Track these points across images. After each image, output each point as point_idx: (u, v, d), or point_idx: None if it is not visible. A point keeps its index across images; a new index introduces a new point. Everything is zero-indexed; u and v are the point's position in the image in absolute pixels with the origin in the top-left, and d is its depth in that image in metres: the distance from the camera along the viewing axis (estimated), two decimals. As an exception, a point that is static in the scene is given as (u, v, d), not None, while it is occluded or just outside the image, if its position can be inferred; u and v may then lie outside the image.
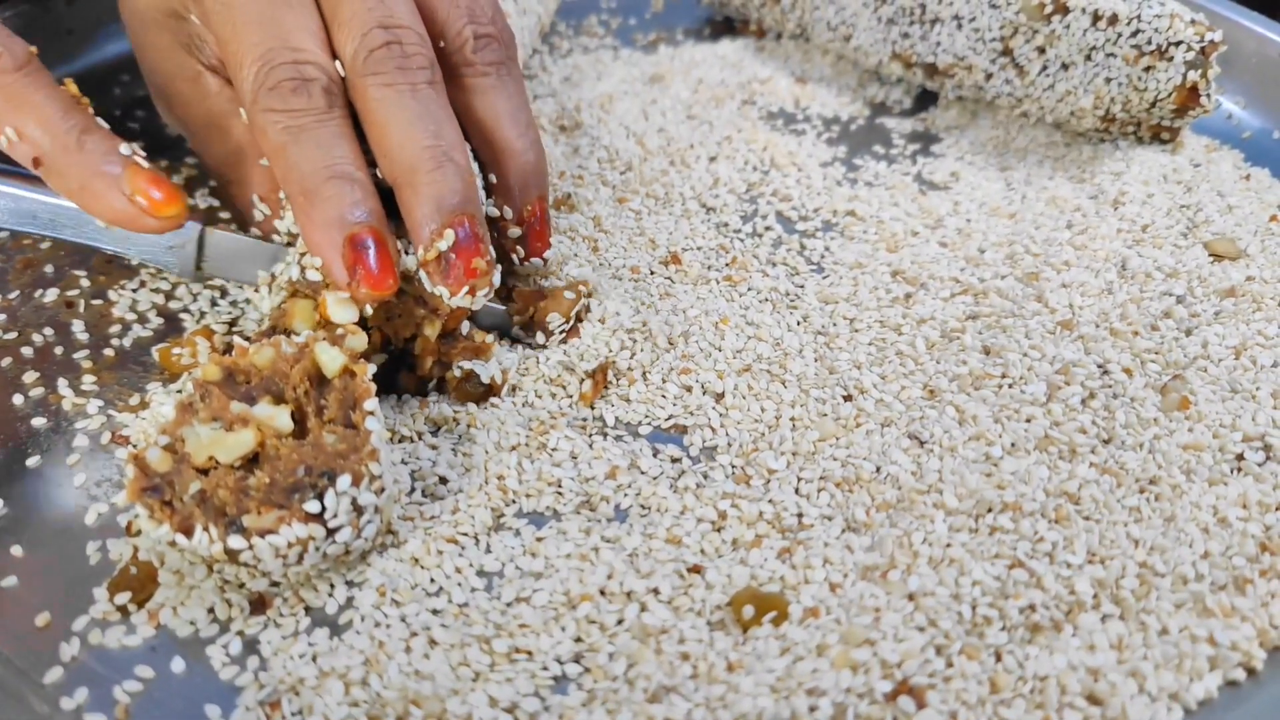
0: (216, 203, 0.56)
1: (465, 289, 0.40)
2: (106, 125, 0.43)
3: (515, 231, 0.46)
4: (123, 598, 0.36)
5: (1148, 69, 0.54)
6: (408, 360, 0.44)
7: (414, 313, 0.42)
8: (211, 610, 0.36)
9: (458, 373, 0.43)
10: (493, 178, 0.45)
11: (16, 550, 0.38)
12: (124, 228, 0.41)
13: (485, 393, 0.44)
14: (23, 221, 0.43)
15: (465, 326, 0.44)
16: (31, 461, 0.42)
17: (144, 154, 0.42)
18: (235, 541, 0.33)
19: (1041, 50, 0.57)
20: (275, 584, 0.37)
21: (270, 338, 0.39)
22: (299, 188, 0.40)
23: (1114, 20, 0.54)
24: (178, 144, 0.61)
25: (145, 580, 0.37)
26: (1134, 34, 0.54)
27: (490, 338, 0.45)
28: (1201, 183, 0.56)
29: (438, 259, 0.40)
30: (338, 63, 0.41)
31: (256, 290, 0.43)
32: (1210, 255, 0.51)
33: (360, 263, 0.39)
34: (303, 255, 0.41)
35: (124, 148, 0.41)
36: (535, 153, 0.46)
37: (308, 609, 0.36)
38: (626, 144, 0.60)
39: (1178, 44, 0.53)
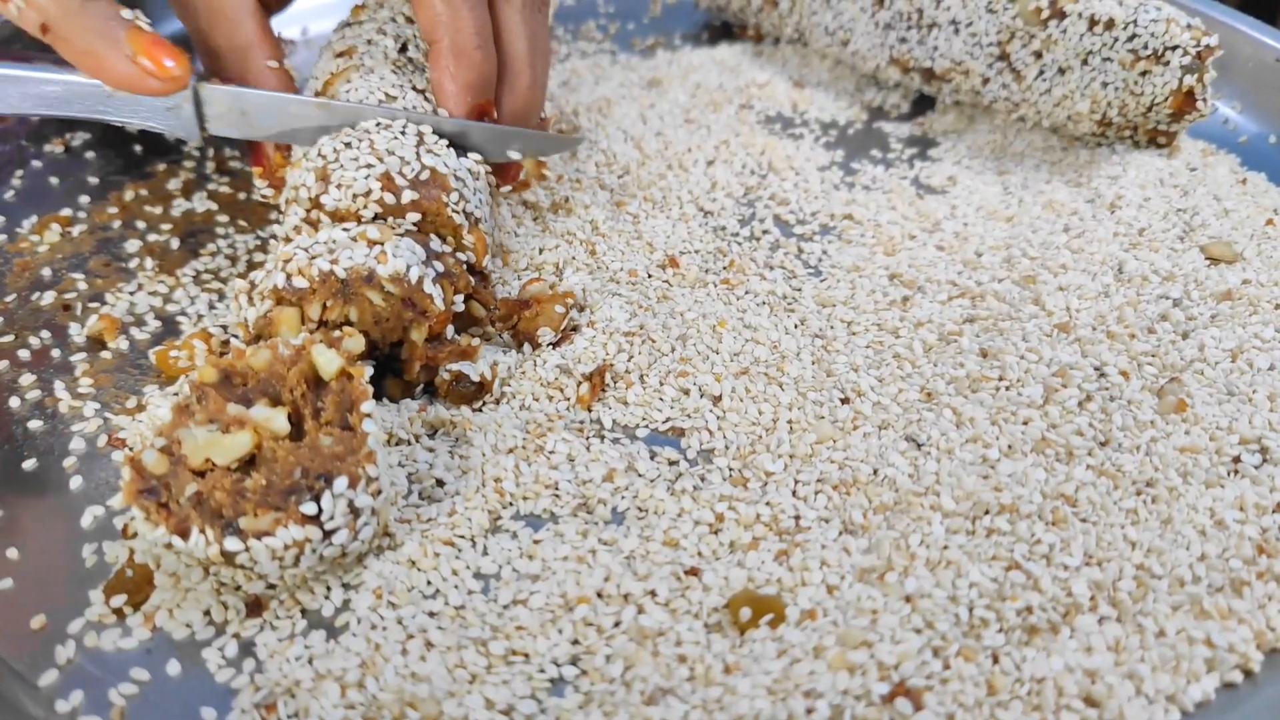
0: (215, 206, 0.56)
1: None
2: None
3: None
4: (118, 600, 0.36)
5: (1144, 73, 0.55)
6: (393, 367, 0.44)
7: (402, 317, 0.42)
8: (207, 613, 0.36)
9: (446, 375, 0.43)
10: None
11: (12, 553, 0.38)
12: (128, 90, 0.43)
13: (477, 391, 0.44)
14: (35, 104, 0.45)
15: (450, 330, 0.44)
16: (28, 464, 0.41)
17: (146, 20, 0.43)
18: (232, 544, 0.33)
19: (1038, 55, 0.58)
20: (271, 586, 0.36)
21: (223, 359, 0.38)
22: (451, 42, 0.44)
23: (1110, 25, 0.55)
24: (175, 148, 0.62)
25: (141, 583, 0.36)
26: (1130, 39, 0.54)
27: (476, 340, 0.45)
28: (1198, 187, 0.56)
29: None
30: None
31: (236, 298, 0.42)
32: (1207, 259, 0.51)
33: None
34: (286, 262, 0.41)
35: (126, 13, 0.43)
36: (534, 82, 0.49)
37: (304, 611, 0.36)
38: (624, 148, 0.60)
39: (1174, 49, 0.54)
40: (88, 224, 0.54)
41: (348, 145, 0.44)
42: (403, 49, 0.50)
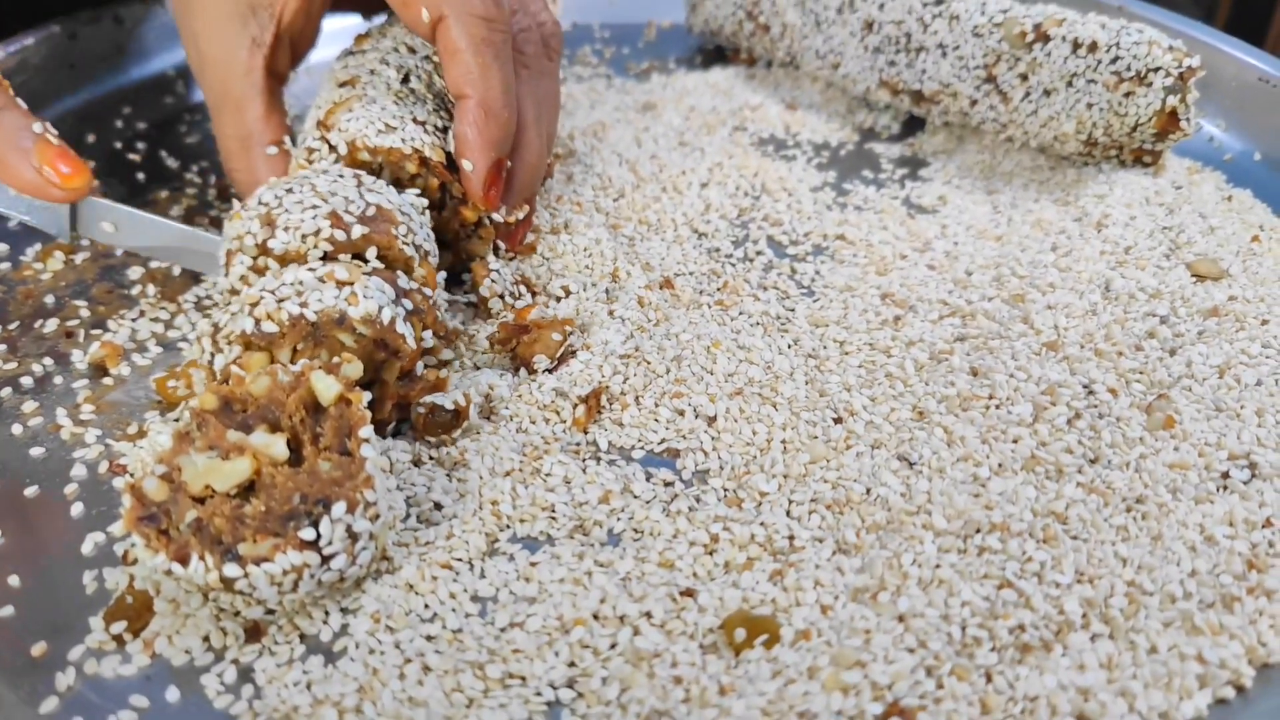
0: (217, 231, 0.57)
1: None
2: (24, 105, 0.47)
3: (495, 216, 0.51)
4: (118, 627, 0.36)
5: (1128, 94, 0.55)
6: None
7: (374, 358, 0.42)
8: (207, 639, 0.36)
9: (421, 410, 0.43)
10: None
11: (14, 580, 0.38)
12: (35, 196, 0.46)
13: (454, 420, 0.43)
14: None
15: (419, 366, 0.44)
16: (30, 491, 0.42)
17: (55, 132, 0.46)
18: (231, 570, 0.34)
19: (1024, 77, 0.59)
20: (270, 612, 0.37)
21: (224, 385, 0.38)
22: (482, 99, 0.46)
23: (1094, 47, 0.56)
24: (177, 175, 0.62)
25: (141, 609, 0.37)
26: (1113, 60, 0.55)
27: (445, 371, 0.45)
28: (1184, 204, 0.57)
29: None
30: None
31: (200, 341, 0.42)
32: (1193, 276, 0.52)
33: (495, 184, 0.48)
34: (254, 306, 0.40)
35: (36, 126, 0.46)
36: (542, 149, 0.51)
37: (302, 636, 0.36)
38: (620, 171, 0.61)
39: (1156, 70, 0.55)
40: (91, 251, 0.55)
41: (289, 191, 0.44)
42: (405, 79, 0.51)
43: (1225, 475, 0.41)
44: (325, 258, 0.43)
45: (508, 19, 0.47)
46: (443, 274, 0.50)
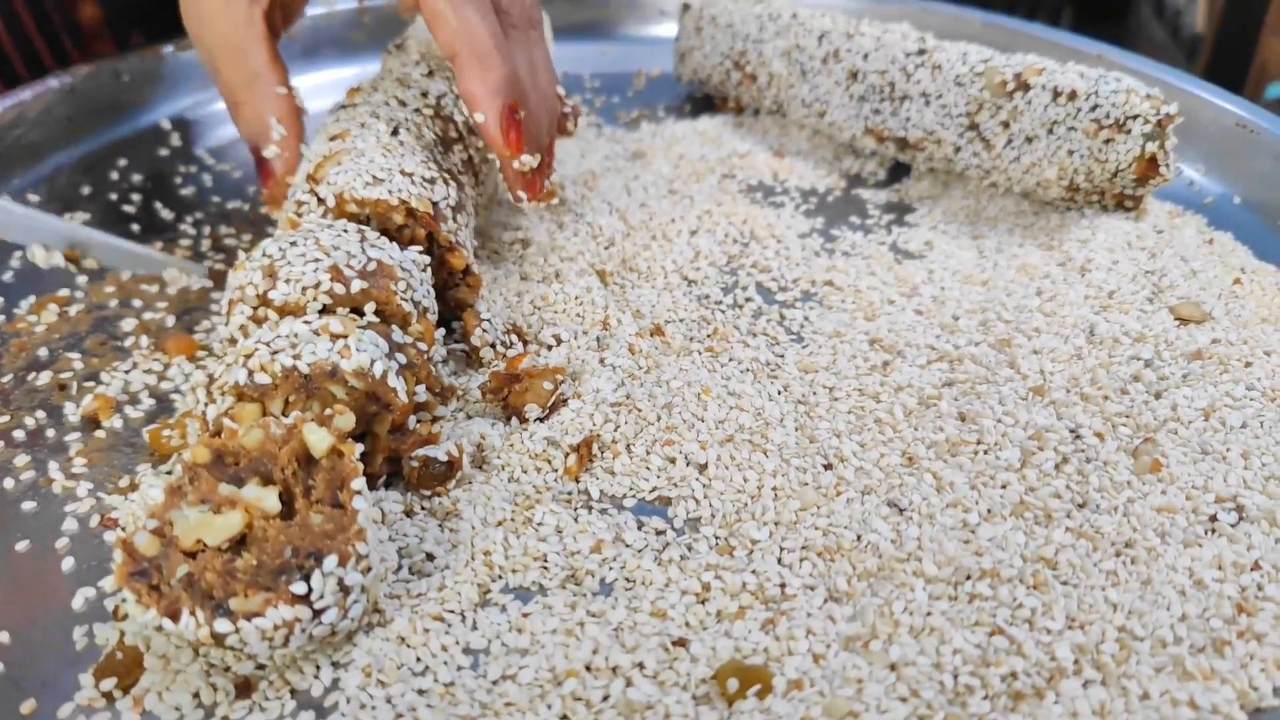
0: (211, 284, 0.57)
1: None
2: None
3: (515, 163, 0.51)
4: (108, 683, 0.36)
5: (1108, 141, 0.57)
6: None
7: (365, 411, 0.42)
8: (197, 695, 0.36)
9: (414, 464, 0.43)
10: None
11: (3, 636, 0.38)
12: None
13: (447, 472, 0.44)
14: None
15: (412, 421, 0.44)
16: (21, 546, 0.42)
17: None
18: (222, 625, 0.34)
19: (1006, 125, 0.60)
20: (261, 667, 0.37)
21: (216, 438, 0.38)
22: (471, 49, 0.47)
23: (1073, 96, 0.57)
24: (172, 226, 0.63)
25: (131, 665, 0.37)
26: (1093, 109, 0.56)
27: (437, 426, 0.45)
28: (1165, 248, 0.58)
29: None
30: None
31: (194, 391, 0.43)
32: (1176, 319, 0.52)
33: (513, 128, 0.49)
34: (248, 357, 0.41)
35: None
36: (540, 102, 0.52)
37: (293, 691, 0.36)
38: (610, 220, 0.62)
39: (1135, 117, 0.56)
40: (85, 303, 0.55)
41: (293, 244, 0.45)
42: (394, 132, 0.52)
43: (1213, 518, 0.42)
44: (324, 311, 0.44)
45: None
46: (441, 330, 0.50)
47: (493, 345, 0.51)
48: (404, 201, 0.48)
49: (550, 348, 0.52)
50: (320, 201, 0.48)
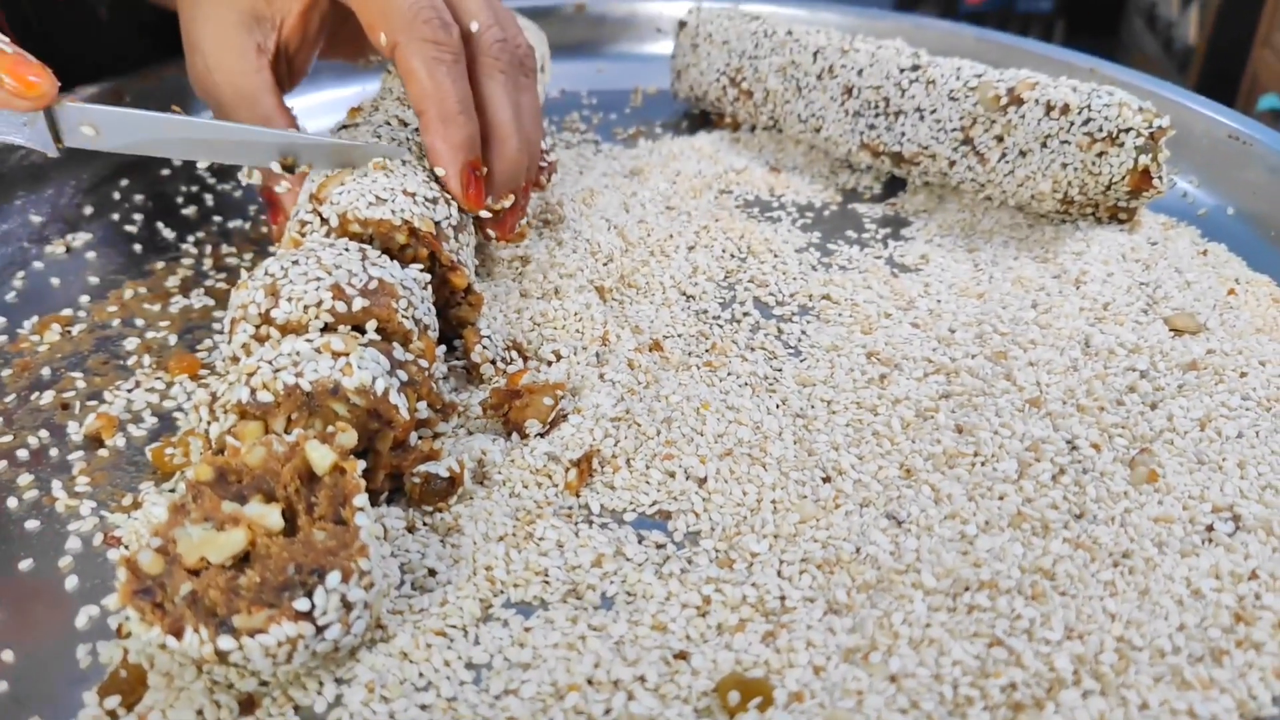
0: (213, 302, 0.58)
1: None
2: None
3: (484, 213, 0.53)
4: (112, 701, 0.36)
5: (1101, 154, 0.57)
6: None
7: (367, 428, 0.42)
8: (200, 712, 0.36)
9: (416, 480, 0.44)
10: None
11: (7, 655, 0.38)
12: (2, 107, 0.46)
13: (449, 486, 0.44)
14: None
15: (413, 438, 0.44)
16: (24, 565, 0.42)
17: (8, 39, 0.46)
18: (225, 642, 0.34)
19: (1000, 139, 0.60)
20: (264, 683, 0.37)
21: (219, 456, 0.39)
22: (438, 111, 0.50)
23: (1066, 110, 0.57)
24: (174, 245, 0.63)
25: (135, 683, 0.37)
26: (1085, 122, 0.57)
27: (439, 442, 0.45)
28: (1160, 260, 0.58)
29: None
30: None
31: (197, 410, 0.43)
32: (1171, 330, 0.53)
33: (473, 183, 0.52)
34: (250, 375, 0.41)
35: None
36: (522, 144, 0.54)
37: (296, 708, 0.36)
38: (608, 236, 0.62)
39: (1127, 130, 0.56)
40: (87, 323, 0.56)
41: (295, 262, 0.45)
42: None
43: (1210, 528, 0.42)
44: (325, 329, 0.44)
45: (456, 43, 0.51)
46: (442, 348, 0.50)
47: (493, 362, 0.51)
48: (407, 221, 0.49)
49: (550, 364, 0.52)
50: (324, 221, 0.49)
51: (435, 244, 0.49)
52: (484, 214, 0.54)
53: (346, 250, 0.46)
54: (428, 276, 0.49)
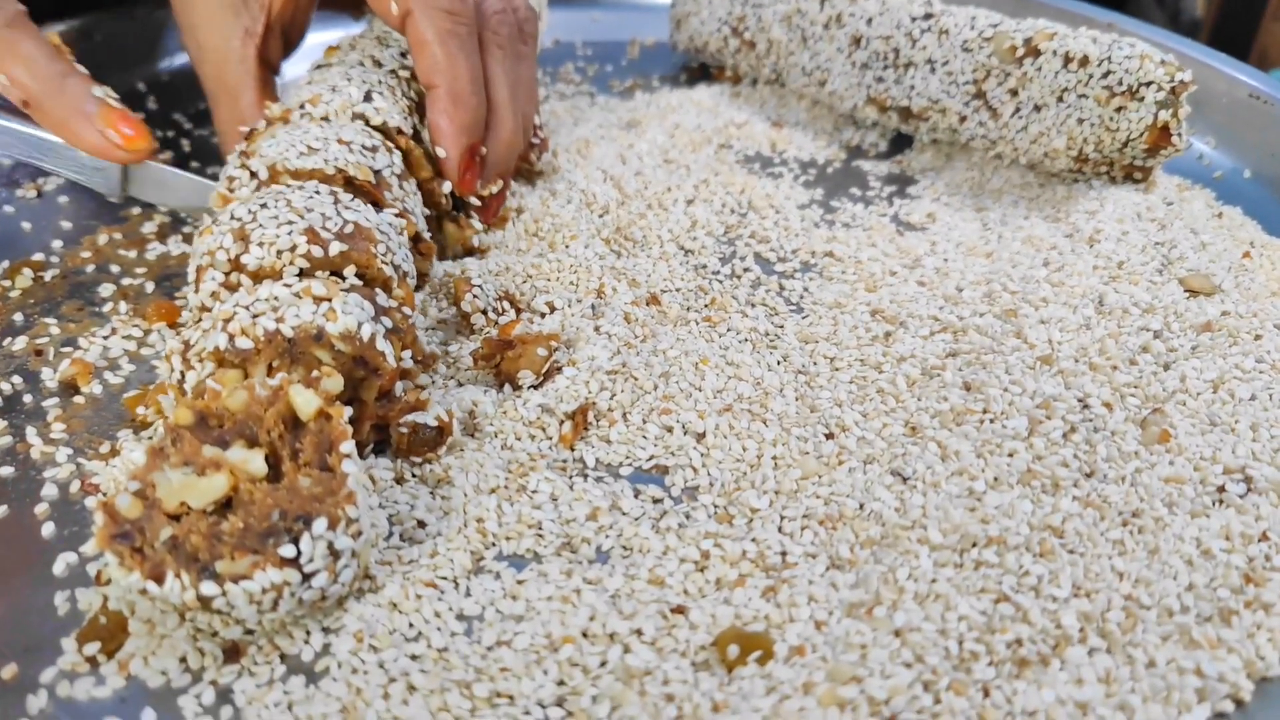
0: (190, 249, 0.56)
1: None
2: (85, 71, 0.49)
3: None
4: (92, 648, 0.35)
5: (1119, 109, 0.55)
6: None
7: (352, 376, 0.41)
8: (184, 659, 0.35)
9: (404, 430, 0.42)
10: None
11: (-18, 602, 0.37)
12: (100, 158, 0.49)
13: (437, 438, 0.42)
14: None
15: (399, 387, 0.43)
16: (-1, 511, 0.41)
17: (116, 96, 0.49)
18: (208, 588, 0.33)
19: (1014, 92, 0.59)
20: (249, 632, 0.36)
21: (199, 401, 0.37)
22: (449, 88, 0.49)
23: (1085, 62, 0.56)
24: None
25: (115, 630, 0.36)
26: (1105, 75, 0.55)
27: (426, 393, 0.44)
28: (1175, 220, 0.57)
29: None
30: None
31: (169, 359, 0.41)
32: (1185, 291, 0.52)
33: (471, 169, 0.51)
34: (227, 321, 0.39)
35: (98, 90, 0.49)
36: (517, 127, 0.53)
37: (283, 656, 0.35)
38: (604, 188, 0.61)
39: (1148, 84, 0.55)
40: (60, 269, 0.54)
41: (264, 206, 0.43)
42: (367, 97, 0.50)
43: (1221, 489, 0.41)
44: (301, 274, 0.42)
45: (471, 12, 0.50)
46: (420, 295, 0.49)
47: (484, 311, 0.50)
48: (341, 170, 0.46)
49: (544, 315, 0.51)
50: (253, 175, 0.47)
51: (376, 193, 0.47)
52: (473, 200, 0.53)
53: (317, 193, 0.44)
54: (403, 222, 0.47)
